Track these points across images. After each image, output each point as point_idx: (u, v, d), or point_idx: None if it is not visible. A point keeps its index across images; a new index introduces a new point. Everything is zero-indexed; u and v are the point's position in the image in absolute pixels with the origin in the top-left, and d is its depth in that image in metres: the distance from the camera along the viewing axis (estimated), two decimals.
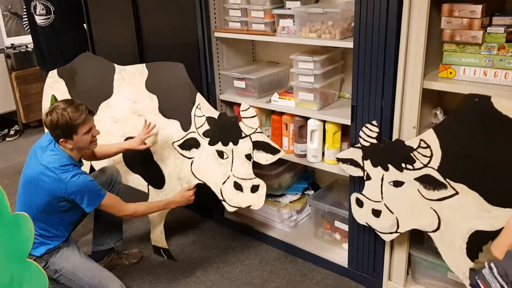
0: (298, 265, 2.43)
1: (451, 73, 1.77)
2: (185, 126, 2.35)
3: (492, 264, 1.31)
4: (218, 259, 2.51)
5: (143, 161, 2.53)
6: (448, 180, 1.73)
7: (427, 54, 1.74)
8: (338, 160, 2.06)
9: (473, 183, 1.67)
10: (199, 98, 2.29)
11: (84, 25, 3.29)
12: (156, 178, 2.51)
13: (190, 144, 2.33)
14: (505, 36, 1.60)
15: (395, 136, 1.90)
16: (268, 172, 2.54)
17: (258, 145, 2.14)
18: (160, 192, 2.50)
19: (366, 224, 2.04)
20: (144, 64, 2.48)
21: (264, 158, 2.15)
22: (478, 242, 1.68)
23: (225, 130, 2.21)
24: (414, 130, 1.85)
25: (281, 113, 2.38)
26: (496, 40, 1.63)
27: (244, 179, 2.20)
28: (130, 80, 2.52)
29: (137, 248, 2.61)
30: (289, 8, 2.16)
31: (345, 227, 2.30)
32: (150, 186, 2.56)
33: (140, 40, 2.85)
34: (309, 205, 2.59)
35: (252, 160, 2.17)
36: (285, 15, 2.20)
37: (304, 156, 2.33)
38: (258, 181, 2.18)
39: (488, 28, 1.63)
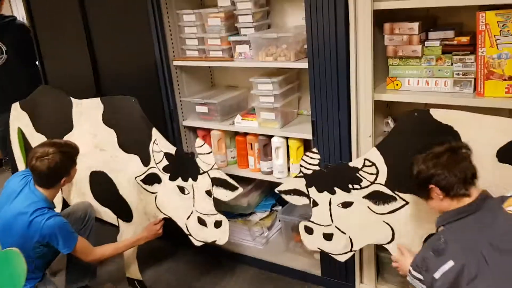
0: (274, 279, 2.51)
1: (397, 84, 1.95)
2: (145, 161, 2.34)
3: (409, 267, 1.54)
4: (195, 284, 2.54)
5: (110, 195, 2.52)
6: (396, 192, 1.82)
7: (375, 69, 1.91)
8: (280, 192, 2.08)
9: None
10: (155, 134, 2.28)
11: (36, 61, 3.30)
12: (124, 212, 2.51)
13: (151, 179, 2.33)
14: (441, 48, 1.80)
15: (353, 146, 2.04)
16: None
17: (217, 182, 2.13)
18: (129, 225, 2.51)
19: (318, 249, 2.08)
20: (99, 98, 2.49)
21: (224, 195, 2.14)
22: None
23: (183, 166, 2.21)
24: (370, 139, 2.00)
25: (245, 134, 2.49)
26: (434, 53, 1.82)
27: (207, 214, 2.20)
28: (88, 114, 2.51)
29: (110, 282, 2.59)
30: (245, 35, 2.29)
31: None
32: (119, 219, 2.56)
33: (96, 72, 2.88)
34: (279, 220, 2.69)
35: (212, 196, 2.16)
36: (241, 41, 2.33)
37: (271, 173, 2.44)
38: (220, 216, 2.18)
39: (425, 42, 1.83)
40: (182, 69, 2.59)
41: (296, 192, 2.04)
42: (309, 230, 2.04)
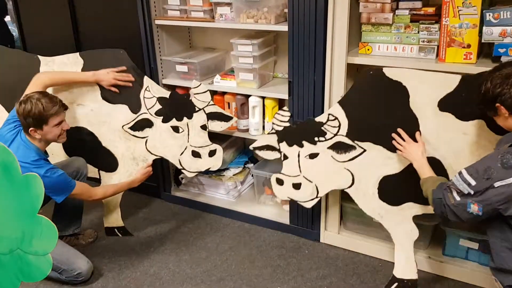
0: (246, 228, 2.71)
1: (368, 49, 2.16)
2: (135, 109, 2.50)
3: (462, 170, 1.59)
4: (172, 231, 2.71)
5: (90, 149, 2.61)
6: (356, 142, 2.09)
7: (349, 34, 2.10)
8: (254, 148, 2.28)
9: (377, 139, 2.06)
10: (147, 81, 2.47)
11: (5, 18, 3.25)
12: (108, 162, 2.62)
13: (142, 125, 2.50)
14: (409, 17, 2.02)
15: (326, 105, 2.24)
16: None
17: (212, 116, 2.44)
18: (113, 175, 2.62)
19: (288, 198, 2.31)
20: (78, 53, 2.55)
21: (219, 126, 2.47)
22: (386, 185, 2.11)
23: (178, 107, 2.44)
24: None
25: (223, 93, 2.64)
26: (403, 21, 2.03)
27: (202, 146, 2.46)
28: (62, 71, 2.56)
29: (91, 228, 2.71)
30: None
31: None
32: (101, 171, 2.66)
33: (77, 32, 2.92)
34: (251, 175, 2.88)
35: (207, 130, 2.44)
36: (222, 3, 2.44)
37: (247, 130, 2.61)
38: (215, 146, 2.47)
39: (396, 11, 2.03)
40: (163, 28, 2.68)
41: (268, 147, 2.26)
42: (280, 182, 2.25)
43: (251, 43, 2.42)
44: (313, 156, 2.17)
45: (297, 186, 2.23)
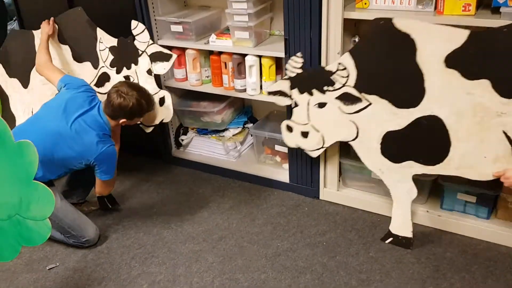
0: (246, 187, 2.74)
1: (366, 3, 2.10)
2: (95, 64, 2.54)
3: None
4: (173, 192, 2.75)
5: None
6: (363, 94, 2.07)
7: None
8: (269, 93, 2.31)
9: (383, 93, 2.03)
10: (99, 32, 2.49)
11: None
12: None
13: (102, 79, 2.53)
14: None
15: (323, 62, 2.21)
16: (211, 109, 2.78)
17: (154, 57, 2.40)
18: None
19: (296, 146, 2.35)
20: (52, 18, 2.60)
21: (161, 67, 2.41)
22: (389, 141, 2.10)
23: (126, 54, 2.44)
24: (339, 56, 2.16)
25: (219, 53, 2.60)
26: None
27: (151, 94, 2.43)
28: (40, 44, 2.60)
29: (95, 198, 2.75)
30: None
31: (285, 149, 2.64)
32: None
33: None
34: (251, 135, 2.88)
35: (153, 74, 2.43)
36: None
37: (244, 90, 2.59)
38: (163, 92, 2.46)
39: None
40: None
41: (281, 93, 2.27)
42: (289, 129, 2.31)
43: (246, 0, 2.36)
44: (321, 105, 2.18)
45: (305, 134, 2.27)
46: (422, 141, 2.03)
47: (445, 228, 2.30)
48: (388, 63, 1.98)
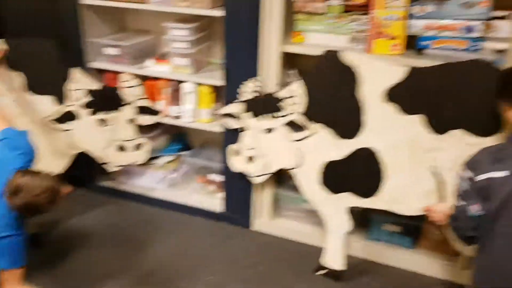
0: (177, 218, 2.66)
1: (302, 38, 2.19)
2: (60, 100, 2.43)
3: (459, 172, 1.56)
4: (98, 223, 2.59)
5: None
6: (310, 122, 2.12)
7: (284, 23, 2.11)
8: (221, 115, 2.32)
9: (328, 122, 2.10)
10: (74, 72, 2.40)
11: None
12: None
13: (67, 117, 2.42)
14: (342, 7, 2.07)
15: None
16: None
17: (141, 110, 2.46)
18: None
19: (241, 171, 2.34)
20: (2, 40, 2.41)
21: (147, 120, 2.48)
22: (329, 171, 2.15)
23: (106, 100, 2.41)
24: (277, 88, 2.22)
25: (156, 78, 2.56)
26: (336, 11, 2.08)
27: (128, 140, 2.43)
28: None
29: None
30: None
31: (219, 178, 2.61)
32: None
33: None
34: (184, 164, 2.83)
35: (134, 123, 2.43)
36: None
37: (180, 117, 2.55)
38: (142, 140, 2.45)
39: (329, 1, 2.08)
40: (90, 8, 2.53)
41: (233, 116, 2.28)
42: (236, 153, 2.31)
43: (187, 27, 2.37)
44: (269, 131, 2.20)
45: (251, 159, 2.27)
46: (359, 173, 2.08)
47: (372, 258, 2.36)
48: (334, 94, 2.05)
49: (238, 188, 2.50)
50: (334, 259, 2.23)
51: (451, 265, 2.24)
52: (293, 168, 2.22)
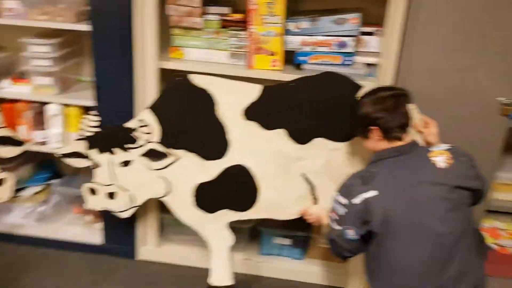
0: (51, 254, 2.36)
1: (180, 54, 2.09)
2: None
3: (335, 192, 1.61)
4: None
5: None
6: (169, 149, 2.03)
7: (160, 37, 2.00)
8: (61, 156, 2.11)
9: (190, 146, 2.03)
10: None
11: None
12: None
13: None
14: (219, 23, 2.01)
15: (137, 112, 2.09)
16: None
17: (2, 140, 2.12)
18: None
19: (102, 209, 2.15)
20: None
21: (9, 152, 2.17)
22: (202, 192, 2.07)
23: None
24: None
25: (14, 100, 2.24)
26: (213, 26, 2.02)
27: None
28: None
29: None
30: None
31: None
32: None
33: None
34: (55, 194, 2.53)
35: None
36: None
37: (46, 143, 2.27)
38: (4, 174, 2.12)
39: (206, 16, 2.01)
40: None
41: (78, 154, 2.08)
42: (93, 191, 2.10)
43: (49, 42, 2.12)
44: (126, 163, 2.05)
45: (112, 195, 2.09)
46: (234, 190, 2.06)
47: (264, 274, 2.34)
48: (190, 118, 2.00)
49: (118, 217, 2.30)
50: (221, 276, 2.16)
51: (338, 272, 2.31)
52: (163, 196, 2.10)
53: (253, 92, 1.94)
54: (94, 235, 2.41)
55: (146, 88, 2.07)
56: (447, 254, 1.49)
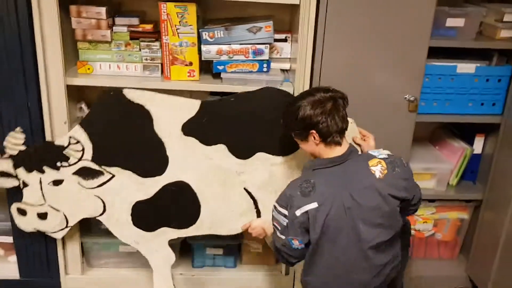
0: None
1: (89, 69, 1.96)
2: None
3: (274, 203, 1.58)
4: None
5: None
6: (103, 167, 1.94)
7: (65, 52, 1.86)
8: None
9: (125, 164, 1.95)
10: None
11: None
12: None
13: None
14: (128, 34, 1.91)
15: (47, 134, 1.94)
16: None
17: None
18: None
19: (34, 230, 2.03)
20: None
21: None
22: (140, 211, 2.01)
23: None
24: (66, 126, 1.95)
25: None
26: (122, 38, 1.92)
27: None
28: None
29: None
30: None
31: (8, 239, 2.18)
32: None
33: None
34: None
35: None
36: None
37: None
38: None
39: (114, 27, 1.90)
40: None
41: (3, 174, 1.93)
42: (22, 212, 2.00)
43: None
44: (57, 183, 1.94)
45: (43, 216, 1.99)
46: (174, 207, 2.01)
47: (199, 287, 2.30)
48: (125, 134, 1.91)
49: (34, 246, 2.13)
50: None
51: (273, 274, 2.32)
52: (99, 216, 2.01)
53: (192, 107, 1.89)
54: (9, 269, 2.21)
55: (55, 107, 1.92)
56: (375, 261, 1.56)
